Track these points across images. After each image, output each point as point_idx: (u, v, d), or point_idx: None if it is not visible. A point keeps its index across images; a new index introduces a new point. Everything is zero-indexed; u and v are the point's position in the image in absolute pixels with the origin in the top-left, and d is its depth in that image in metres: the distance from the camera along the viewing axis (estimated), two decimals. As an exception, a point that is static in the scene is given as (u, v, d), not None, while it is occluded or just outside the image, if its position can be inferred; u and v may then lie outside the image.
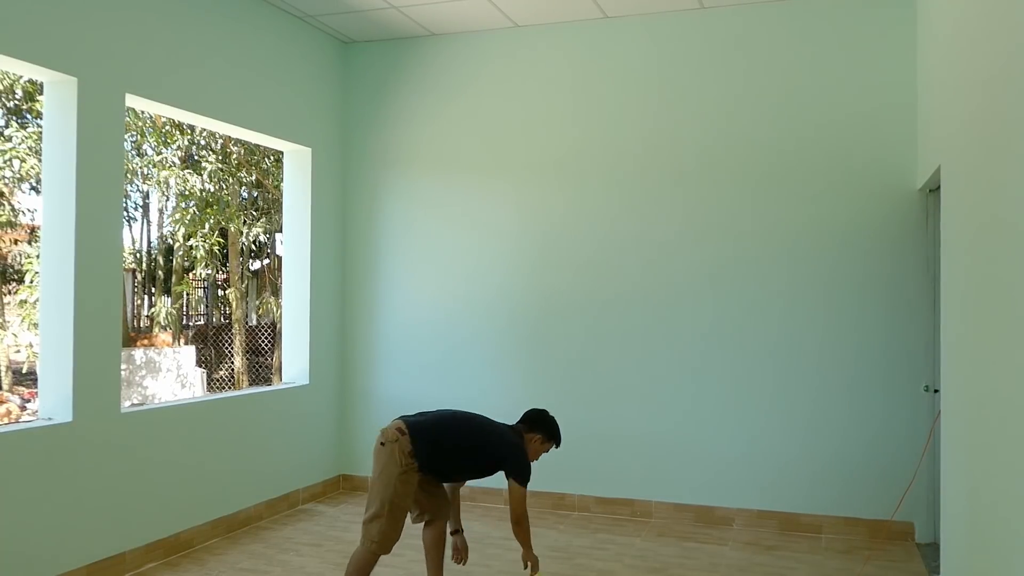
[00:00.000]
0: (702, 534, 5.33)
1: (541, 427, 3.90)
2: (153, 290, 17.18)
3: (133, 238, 16.76)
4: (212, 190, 11.81)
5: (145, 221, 17.18)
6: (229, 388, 13.66)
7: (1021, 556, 2.30)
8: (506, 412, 5.98)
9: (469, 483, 5.89)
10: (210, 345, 14.62)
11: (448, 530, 3.96)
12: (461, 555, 3.96)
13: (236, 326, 13.52)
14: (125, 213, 14.98)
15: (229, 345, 14.12)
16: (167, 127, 11.42)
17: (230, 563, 4.69)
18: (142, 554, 4.58)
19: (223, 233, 12.74)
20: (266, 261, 15.65)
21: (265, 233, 13.93)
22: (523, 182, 6.06)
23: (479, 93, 6.19)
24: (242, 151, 11.94)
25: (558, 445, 3.97)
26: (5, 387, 12.92)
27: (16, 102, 11.34)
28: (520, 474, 3.69)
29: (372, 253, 6.45)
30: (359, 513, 5.77)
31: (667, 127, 5.74)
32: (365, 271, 6.47)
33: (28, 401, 12.38)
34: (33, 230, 13.36)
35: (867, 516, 5.25)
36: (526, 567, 3.77)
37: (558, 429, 3.95)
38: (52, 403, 4.19)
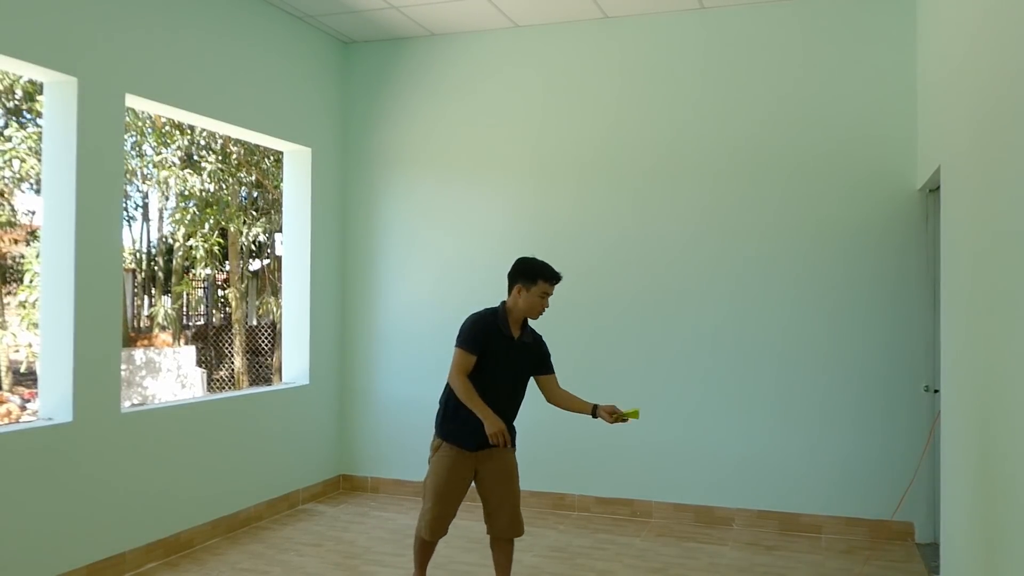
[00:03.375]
0: (702, 534, 5.33)
1: (518, 277, 3.69)
2: (153, 290, 17.18)
3: (133, 238, 16.76)
4: (212, 190, 11.80)
5: (145, 221, 17.18)
6: (229, 388, 13.65)
7: (1021, 556, 2.30)
8: (506, 412, 5.99)
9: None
10: (210, 345, 14.61)
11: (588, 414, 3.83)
12: (611, 414, 3.71)
13: (236, 326, 13.52)
14: (125, 213, 14.98)
15: (229, 345, 14.12)
16: (167, 127, 11.42)
17: (230, 563, 4.69)
18: (142, 554, 4.58)
19: (223, 233, 12.73)
20: (266, 261, 15.64)
21: (265, 233, 13.93)
22: (523, 182, 6.06)
23: (479, 93, 6.18)
24: (242, 151, 11.94)
25: (551, 279, 3.69)
26: (5, 387, 12.92)
27: (16, 102, 11.34)
28: (457, 336, 3.69)
29: (372, 253, 6.45)
30: (359, 513, 5.79)
31: (666, 128, 5.73)
32: (365, 271, 6.47)
33: (28, 401, 12.37)
34: (33, 230, 13.36)
35: (867, 516, 5.25)
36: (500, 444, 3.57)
37: (538, 265, 3.70)
38: (52, 403, 4.19)
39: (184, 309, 16.19)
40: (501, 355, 3.68)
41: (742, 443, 5.50)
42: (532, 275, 3.68)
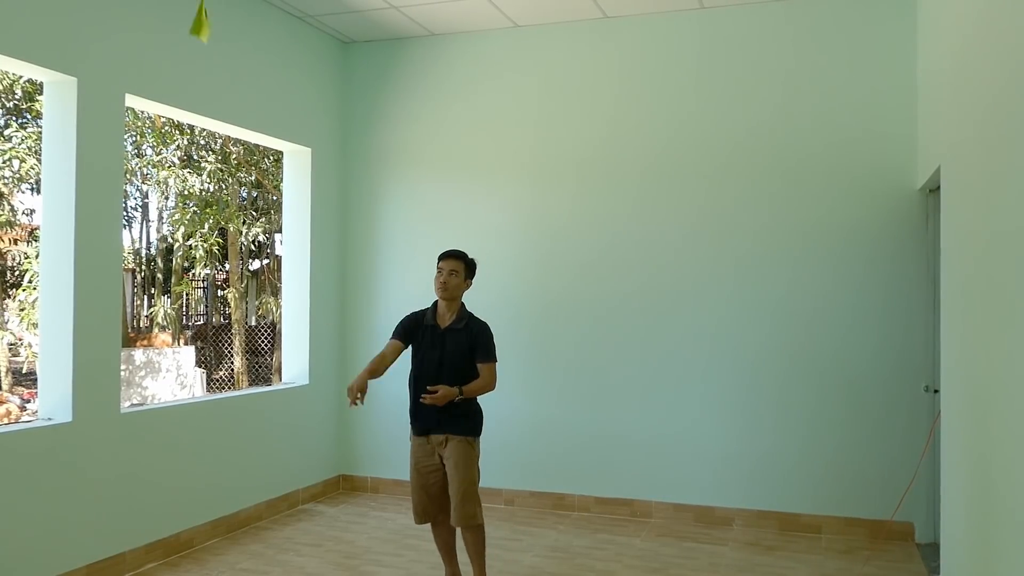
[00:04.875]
0: (702, 534, 5.33)
1: None
2: (153, 290, 17.18)
3: (133, 238, 16.76)
4: (212, 190, 11.80)
5: (145, 221, 17.18)
6: (229, 388, 13.65)
7: (1021, 556, 2.30)
8: (507, 413, 6.00)
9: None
10: (210, 345, 14.61)
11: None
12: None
13: (236, 326, 13.52)
14: (125, 213, 14.98)
15: (229, 345, 14.11)
16: (167, 127, 11.41)
17: (230, 563, 4.69)
18: (142, 554, 4.58)
19: (223, 233, 12.73)
20: (266, 261, 15.64)
21: (265, 233, 13.93)
22: (523, 182, 6.06)
23: (479, 93, 6.18)
24: (242, 151, 11.93)
25: (438, 258, 4.01)
26: (5, 387, 12.91)
27: (16, 102, 11.33)
28: None
29: (372, 253, 6.45)
30: (359, 513, 5.79)
31: (666, 128, 5.73)
32: (365, 271, 6.47)
33: (28, 401, 12.37)
34: (33, 230, 13.36)
35: (867, 516, 5.25)
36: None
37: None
38: (52, 403, 4.19)
39: (184, 309, 16.18)
40: (426, 343, 3.97)
41: (742, 443, 5.50)
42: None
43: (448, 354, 3.90)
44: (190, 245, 12.12)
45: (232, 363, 13.78)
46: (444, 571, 4.20)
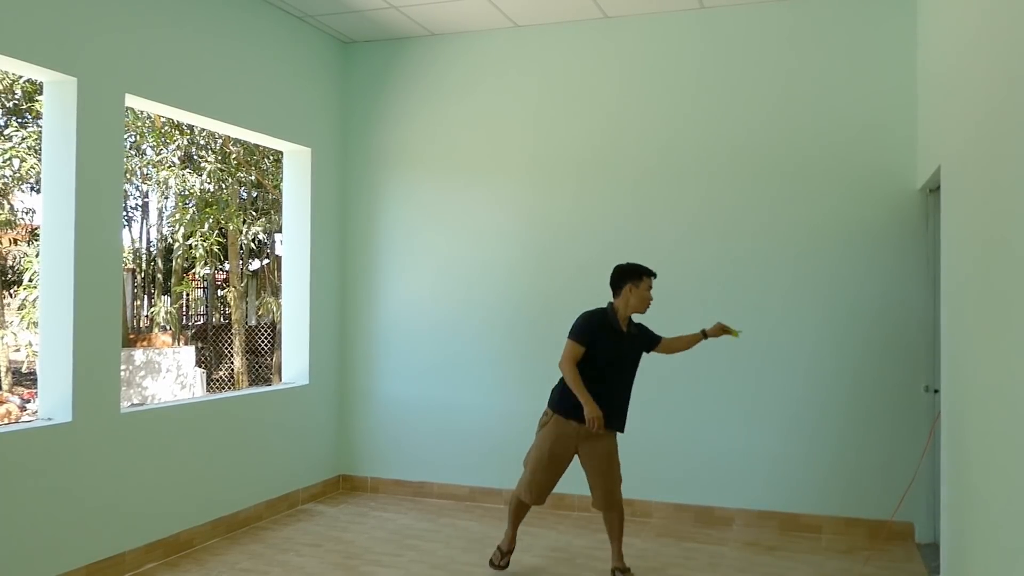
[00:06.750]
0: (702, 534, 5.33)
1: (626, 278, 4.32)
2: (153, 290, 17.17)
3: (132, 238, 16.75)
4: (212, 190, 11.80)
5: (145, 221, 17.18)
6: (229, 388, 13.65)
7: (1021, 556, 2.30)
8: (505, 413, 6.00)
9: (470, 484, 5.93)
10: (210, 345, 14.61)
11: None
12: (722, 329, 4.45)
13: (236, 326, 13.52)
14: (125, 213, 14.97)
15: (229, 345, 14.11)
16: (166, 127, 11.41)
17: (230, 563, 4.69)
18: (142, 554, 4.58)
19: (223, 233, 12.72)
20: (265, 261, 15.64)
21: (264, 233, 13.92)
22: (523, 182, 6.06)
23: (479, 93, 6.18)
24: (242, 151, 11.93)
25: (653, 275, 4.35)
26: (5, 387, 12.91)
27: (16, 102, 11.34)
28: (570, 330, 4.29)
29: (372, 253, 6.45)
30: (359, 513, 5.79)
31: (666, 128, 5.73)
32: (365, 271, 6.47)
33: (28, 401, 12.37)
34: (33, 230, 13.36)
35: (867, 516, 5.25)
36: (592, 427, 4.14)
37: (640, 266, 4.34)
38: (52, 403, 4.19)
39: (184, 309, 16.18)
40: (612, 347, 4.25)
41: (742, 443, 5.50)
42: (639, 274, 4.33)
43: (633, 357, 4.38)
44: (190, 245, 12.12)
45: (232, 363, 13.78)
46: (505, 537, 4.52)
